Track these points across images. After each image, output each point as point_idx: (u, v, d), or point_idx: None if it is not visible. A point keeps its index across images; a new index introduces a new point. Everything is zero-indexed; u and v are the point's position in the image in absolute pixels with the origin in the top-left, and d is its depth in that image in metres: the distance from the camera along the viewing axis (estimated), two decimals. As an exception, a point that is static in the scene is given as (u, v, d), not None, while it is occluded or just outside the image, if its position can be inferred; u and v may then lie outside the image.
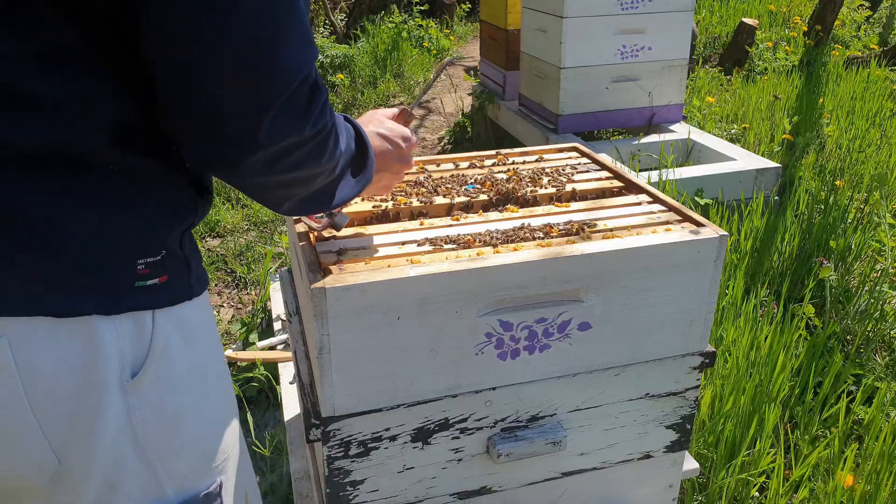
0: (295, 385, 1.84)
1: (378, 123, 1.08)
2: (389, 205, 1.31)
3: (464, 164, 1.51)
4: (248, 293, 2.93)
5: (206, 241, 3.34)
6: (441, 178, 1.41)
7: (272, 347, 2.36)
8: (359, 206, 1.29)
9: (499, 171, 1.45)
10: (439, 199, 1.32)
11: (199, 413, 0.84)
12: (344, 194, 0.92)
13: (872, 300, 2.49)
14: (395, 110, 1.17)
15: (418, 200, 1.33)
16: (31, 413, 0.71)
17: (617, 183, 1.43)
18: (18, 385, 0.70)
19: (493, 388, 1.15)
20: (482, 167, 1.49)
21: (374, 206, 1.31)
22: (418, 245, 1.15)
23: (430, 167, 1.50)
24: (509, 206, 1.32)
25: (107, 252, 0.71)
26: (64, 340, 0.71)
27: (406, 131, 1.11)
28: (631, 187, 1.40)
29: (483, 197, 1.35)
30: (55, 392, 0.72)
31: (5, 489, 0.79)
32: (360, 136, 0.95)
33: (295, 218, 1.23)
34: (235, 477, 0.93)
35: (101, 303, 0.72)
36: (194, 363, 0.82)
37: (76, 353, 0.71)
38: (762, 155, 3.72)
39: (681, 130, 3.64)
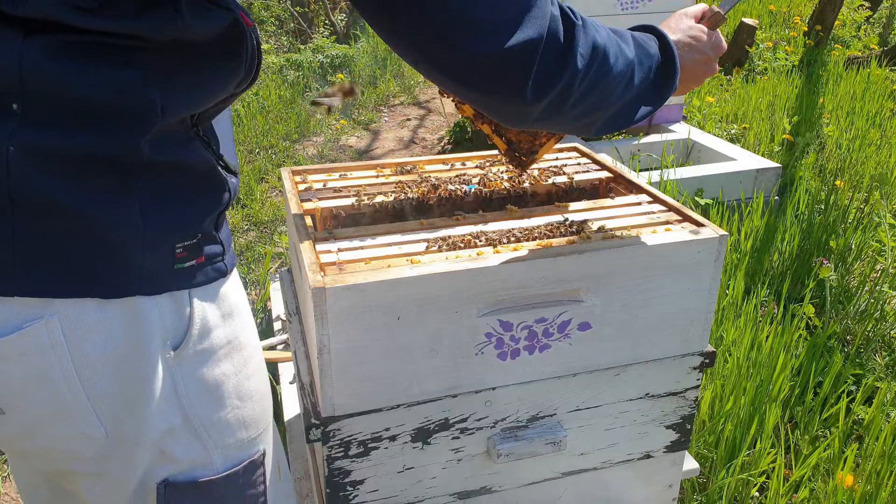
0: (295, 385, 1.84)
1: (686, 29, 1.08)
2: (390, 203, 1.31)
3: (464, 165, 1.51)
4: (248, 293, 2.93)
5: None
6: (441, 178, 1.41)
7: (272, 347, 2.35)
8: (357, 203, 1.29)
9: (499, 172, 1.45)
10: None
11: (238, 384, 0.88)
12: (646, 110, 0.99)
13: (872, 300, 2.49)
14: (701, 7, 1.14)
15: (419, 200, 1.33)
16: (80, 388, 0.76)
17: (617, 183, 1.43)
18: (69, 362, 0.75)
19: (493, 388, 1.15)
20: (482, 167, 1.49)
21: (374, 204, 1.31)
22: (418, 245, 1.14)
23: (431, 167, 1.50)
24: (509, 205, 1.32)
25: (149, 241, 0.76)
26: (110, 319, 0.75)
27: (717, 39, 1.09)
28: (631, 187, 1.40)
29: (483, 196, 1.35)
30: (104, 367, 0.76)
31: (58, 471, 0.86)
32: (666, 47, 1.01)
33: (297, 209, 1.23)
34: (272, 448, 0.98)
35: (144, 285, 0.76)
36: (231, 336, 0.87)
37: (122, 330, 0.76)
38: (762, 155, 3.72)
39: (681, 130, 3.64)
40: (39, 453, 0.83)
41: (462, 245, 1.14)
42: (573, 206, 1.32)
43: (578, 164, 1.52)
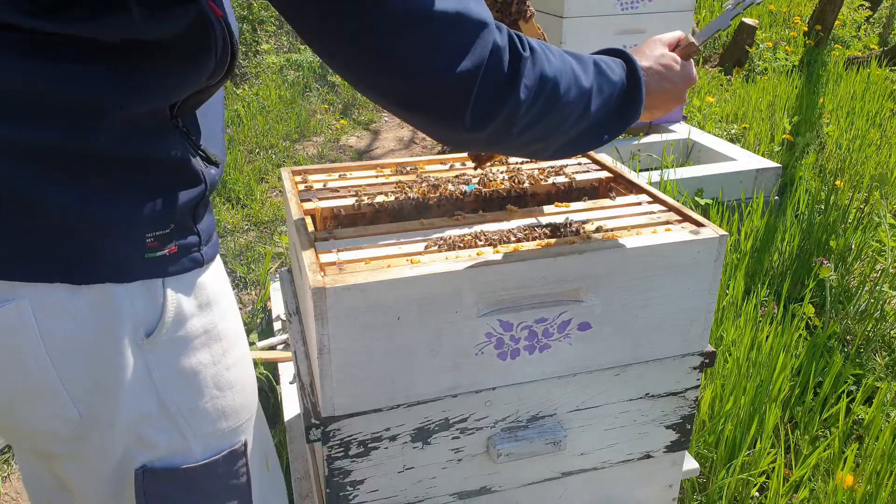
0: (295, 385, 1.84)
1: (659, 56, 1.07)
2: (390, 203, 1.31)
3: (464, 165, 1.51)
4: (248, 293, 2.93)
5: (206, 241, 3.34)
6: (441, 177, 1.41)
7: (272, 347, 2.36)
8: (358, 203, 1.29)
9: (499, 172, 1.45)
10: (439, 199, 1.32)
11: (216, 373, 0.89)
12: (607, 136, 0.98)
13: (872, 300, 2.49)
14: (677, 34, 1.12)
15: (419, 200, 1.33)
16: (52, 370, 0.78)
17: (617, 183, 1.43)
18: (40, 344, 0.76)
19: (493, 388, 1.15)
20: (483, 167, 1.49)
21: (374, 204, 1.31)
22: (418, 245, 1.15)
23: (431, 167, 1.50)
24: (509, 206, 1.32)
25: (115, 231, 0.77)
26: (80, 304, 0.77)
27: (688, 70, 1.08)
28: (631, 187, 1.40)
29: (483, 196, 1.35)
30: (74, 350, 0.78)
31: (44, 452, 0.88)
32: (633, 73, 0.99)
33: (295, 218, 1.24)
34: (256, 439, 0.99)
35: (113, 272, 0.78)
36: (209, 326, 0.88)
37: (92, 315, 0.78)
38: (762, 155, 3.72)
39: (681, 130, 3.65)
40: (23, 432, 0.86)
41: (462, 245, 1.14)
42: (573, 206, 1.32)
43: (578, 164, 1.52)
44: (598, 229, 1.20)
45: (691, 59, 1.10)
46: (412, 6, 0.75)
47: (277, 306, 2.53)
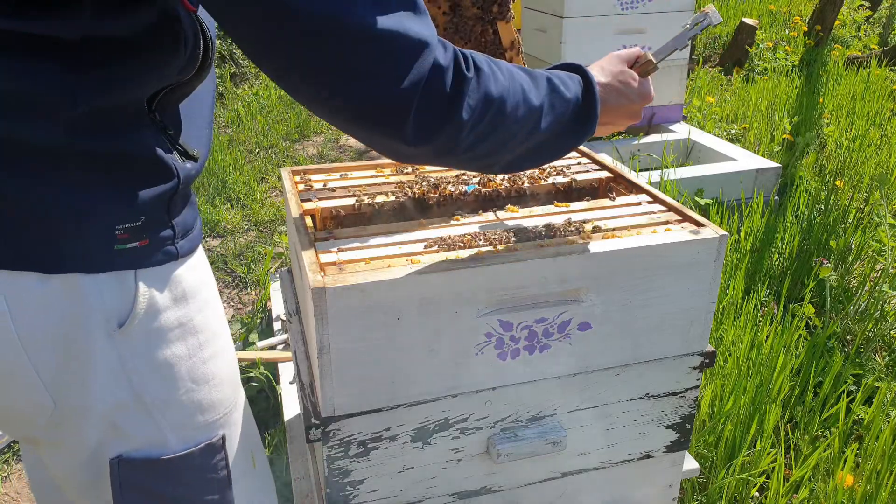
0: (295, 385, 1.84)
1: (617, 73, 1.08)
2: (390, 203, 1.31)
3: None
4: (248, 293, 2.93)
5: (207, 241, 3.35)
6: (441, 177, 1.41)
7: (272, 347, 2.36)
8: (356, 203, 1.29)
9: (499, 171, 1.45)
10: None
11: (192, 367, 0.90)
12: (559, 152, 1.00)
13: (872, 300, 2.49)
14: (636, 51, 1.13)
15: (419, 200, 1.33)
16: (26, 357, 0.79)
17: (617, 183, 1.43)
18: (12, 330, 0.77)
19: (493, 388, 1.15)
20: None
21: (374, 204, 1.31)
22: (418, 245, 1.15)
23: (431, 167, 1.50)
24: (509, 206, 1.32)
25: (84, 221, 0.78)
26: (51, 293, 0.78)
27: (646, 88, 1.09)
28: (631, 187, 1.40)
29: (483, 196, 1.35)
30: (46, 338, 0.79)
31: (30, 438, 0.89)
32: (588, 89, 1.00)
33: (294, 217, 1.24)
34: (239, 434, 0.99)
35: (83, 263, 0.79)
36: (184, 319, 0.88)
37: (63, 304, 0.79)
38: (762, 155, 3.72)
39: (681, 130, 3.65)
40: (7, 419, 0.87)
41: (462, 245, 1.14)
42: (573, 206, 1.32)
43: (578, 163, 1.52)
44: (597, 229, 1.20)
45: (649, 77, 1.12)
46: (350, 25, 0.75)
47: (277, 306, 2.53)
